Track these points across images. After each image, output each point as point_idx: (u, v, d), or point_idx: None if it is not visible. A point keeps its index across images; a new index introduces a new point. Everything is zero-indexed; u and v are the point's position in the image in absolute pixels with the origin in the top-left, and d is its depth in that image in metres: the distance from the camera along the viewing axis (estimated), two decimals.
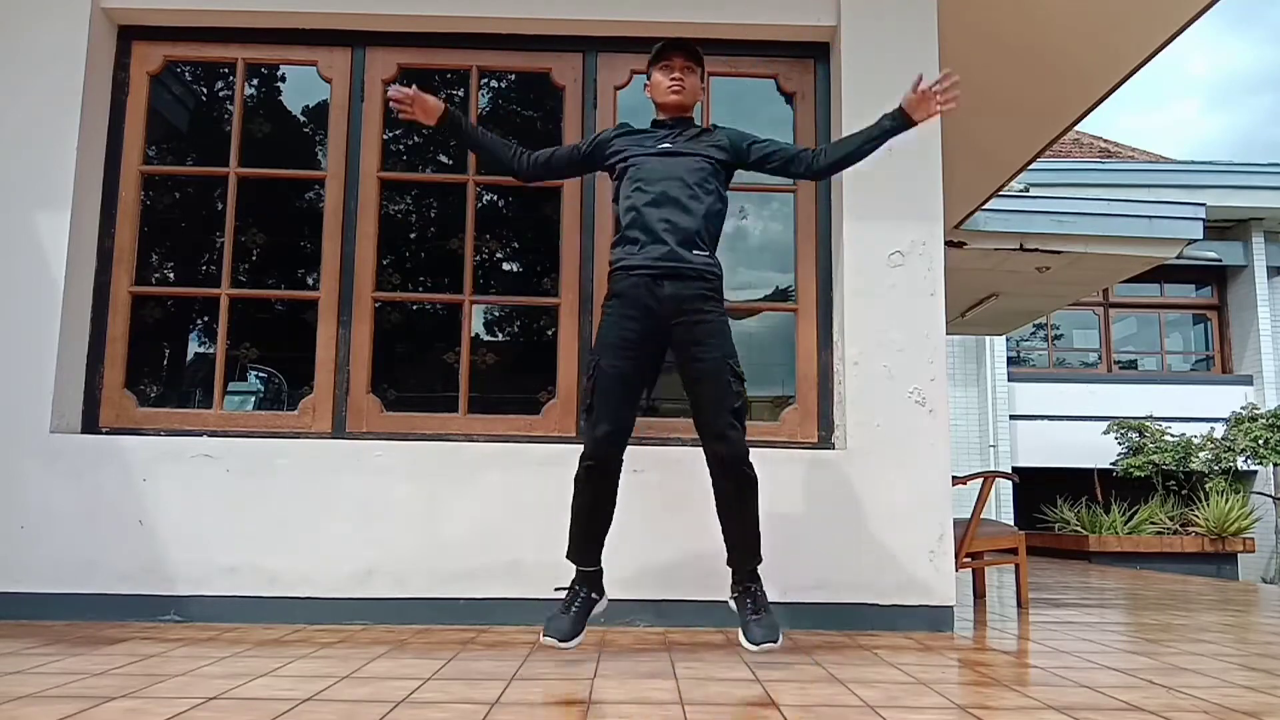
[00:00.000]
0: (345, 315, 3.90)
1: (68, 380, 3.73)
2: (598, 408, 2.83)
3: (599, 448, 2.82)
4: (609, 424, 2.82)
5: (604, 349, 2.88)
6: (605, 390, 2.83)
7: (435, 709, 2.16)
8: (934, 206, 3.79)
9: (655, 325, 2.87)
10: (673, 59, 3.06)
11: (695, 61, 3.08)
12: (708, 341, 2.86)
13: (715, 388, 2.84)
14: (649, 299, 2.86)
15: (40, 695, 2.24)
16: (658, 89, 3.09)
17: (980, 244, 7.42)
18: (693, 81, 3.07)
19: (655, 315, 2.87)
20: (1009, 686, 2.53)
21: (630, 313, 2.87)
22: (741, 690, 2.42)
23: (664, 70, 3.07)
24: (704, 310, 2.88)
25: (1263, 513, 11.17)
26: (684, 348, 2.88)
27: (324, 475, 3.64)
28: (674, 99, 3.06)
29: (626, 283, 2.90)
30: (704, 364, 2.85)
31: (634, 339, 2.86)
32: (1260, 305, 13.29)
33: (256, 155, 4.15)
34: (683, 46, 3.06)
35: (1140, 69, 4.68)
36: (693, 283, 2.88)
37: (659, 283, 2.87)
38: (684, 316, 2.86)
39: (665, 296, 2.86)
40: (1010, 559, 4.65)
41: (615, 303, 2.91)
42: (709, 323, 2.88)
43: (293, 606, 3.55)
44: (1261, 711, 2.23)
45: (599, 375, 2.85)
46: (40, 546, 3.56)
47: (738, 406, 2.85)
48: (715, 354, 2.85)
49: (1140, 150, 15.41)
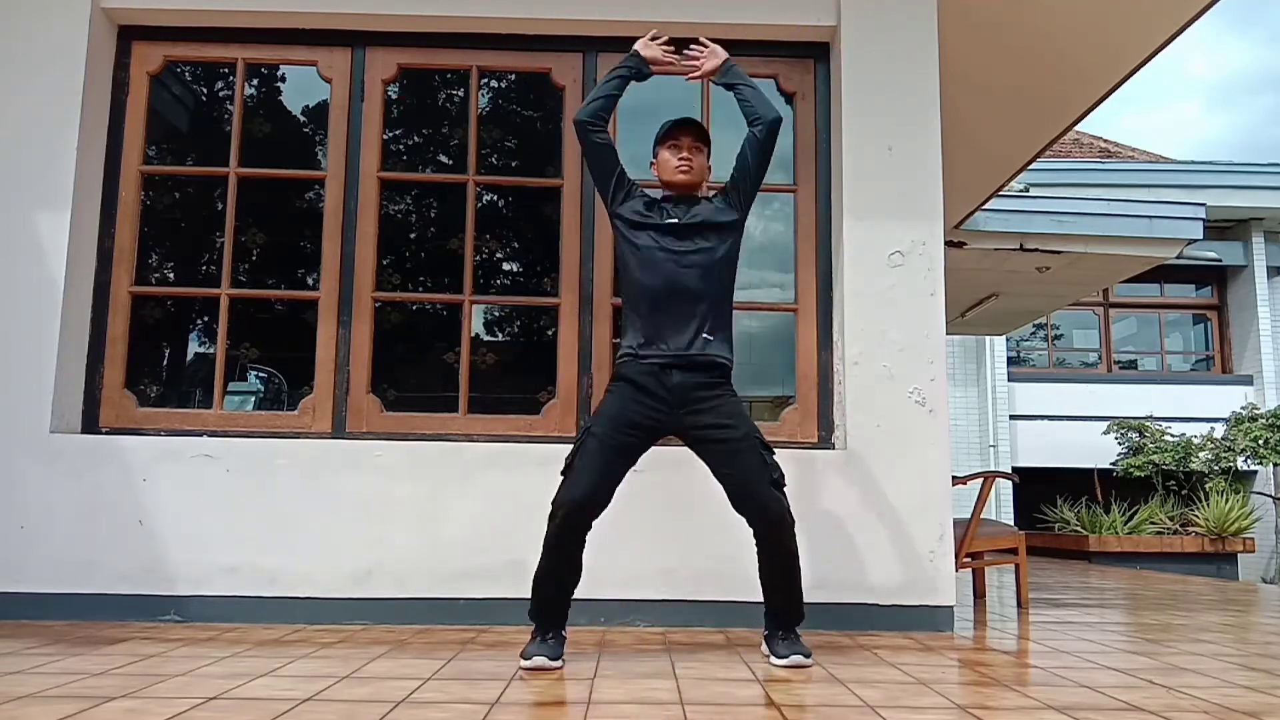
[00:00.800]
0: (345, 315, 3.90)
1: (68, 380, 3.73)
2: (577, 469, 2.75)
3: (569, 511, 2.71)
4: (584, 488, 2.72)
5: (601, 419, 2.83)
6: (590, 455, 2.75)
7: (435, 709, 2.16)
8: (934, 206, 3.79)
9: (663, 412, 2.83)
10: (681, 139, 3.01)
11: (703, 140, 3.04)
12: (729, 422, 2.82)
13: (750, 464, 2.79)
14: (657, 387, 2.83)
15: (40, 695, 2.24)
16: (665, 168, 3.02)
17: (980, 244, 7.42)
18: (700, 161, 3.02)
19: (665, 403, 2.83)
20: (1009, 686, 2.53)
21: (639, 397, 2.83)
22: (741, 690, 2.42)
23: (672, 150, 3.01)
24: (717, 394, 2.85)
25: (1263, 513, 11.17)
26: (703, 430, 2.84)
27: (324, 475, 3.64)
28: (682, 179, 2.99)
29: (634, 369, 2.86)
30: (732, 443, 2.80)
31: (635, 419, 2.81)
32: (1260, 305, 13.28)
33: (256, 155, 4.15)
34: (691, 126, 3.02)
35: (1141, 69, 4.68)
36: (701, 372, 2.86)
37: (668, 372, 2.84)
38: (695, 404, 2.83)
39: (674, 385, 2.83)
40: (1010, 559, 4.65)
41: (622, 385, 2.87)
42: (724, 404, 2.85)
43: (293, 606, 3.55)
44: (1261, 711, 2.23)
45: (587, 439, 2.78)
46: (40, 546, 3.56)
47: (775, 478, 2.80)
48: (740, 431, 2.82)
49: (1140, 150, 15.41)
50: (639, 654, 2.97)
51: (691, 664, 2.80)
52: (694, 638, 3.32)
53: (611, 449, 2.77)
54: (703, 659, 2.89)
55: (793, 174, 4.01)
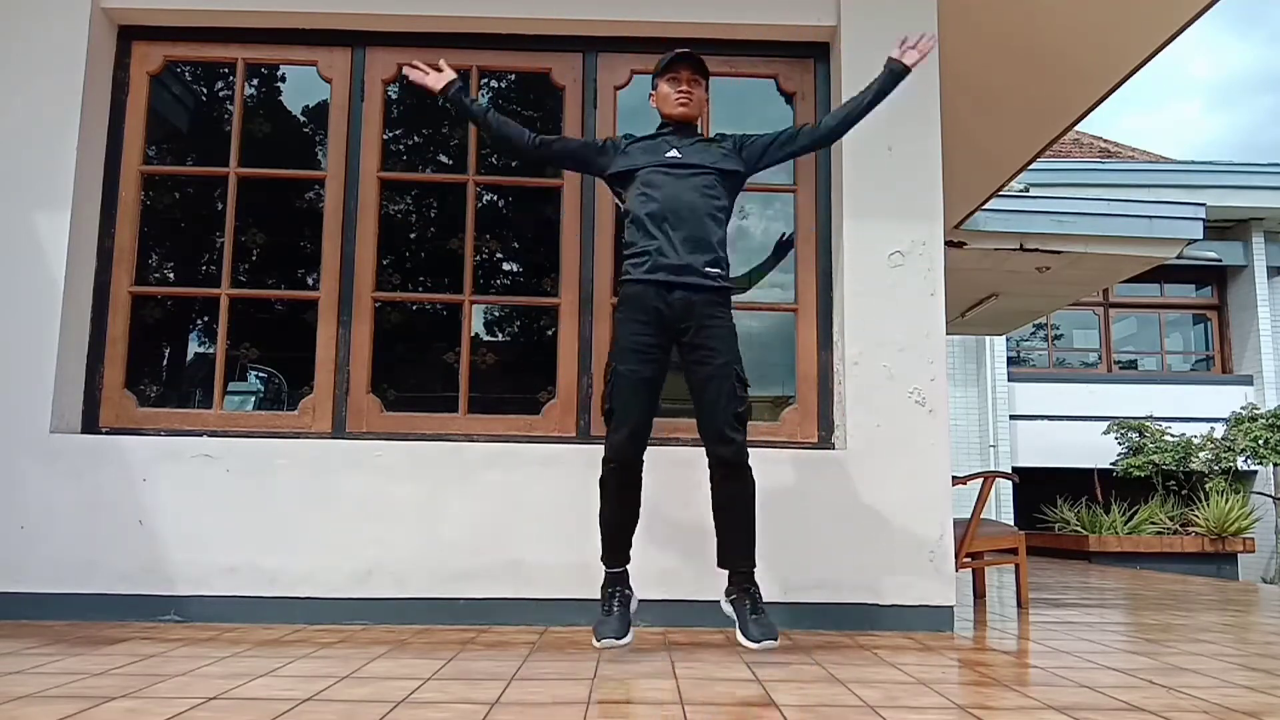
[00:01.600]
0: (345, 315, 3.90)
1: (68, 380, 3.73)
2: (618, 411, 2.91)
3: (621, 450, 2.90)
4: (629, 426, 2.89)
5: (620, 354, 2.95)
6: (624, 394, 2.90)
7: (435, 709, 2.16)
8: (934, 206, 3.79)
9: (665, 329, 2.94)
10: (680, 71, 3.10)
11: (702, 74, 3.13)
12: (714, 346, 2.92)
13: (720, 392, 2.90)
14: (659, 303, 2.93)
15: (40, 695, 2.24)
16: (665, 100, 3.13)
17: (980, 244, 7.42)
18: (699, 94, 3.13)
19: (665, 319, 2.94)
20: (1009, 686, 2.53)
21: (641, 318, 2.94)
22: (741, 690, 2.42)
23: (671, 82, 3.11)
24: (713, 315, 2.95)
25: (1263, 513, 11.17)
26: (691, 351, 2.95)
27: (324, 475, 3.64)
28: (680, 111, 3.10)
29: (636, 289, 2.97)
30: (710, 368, 2.91)
31: (648, 343, 2.93)
32: (1260, 305, 13.29)
33: (256, 155, 4.15)
34: (690, 59, 3.10)
35: (1140, 69, 4.68)
36: (702, 290, 2.94)
37: (669, 289, 2.93)
38: (692, 321, 2.93)
39: (674, 301, 2.93)
40: (1010, 559, 4.65)
41: (626, 309, 2.99)
42: (717, 328, 2.94)
43: (293, 606, 3.55)
44: (1261, 711, 2.23)
45: (616, 379, 2.92)
46: (40, 546, 3.56)
47: (740, 411, 2.91)
48: (721, 359, 2.92)
49: (1140, 150, 15.41)
50: (639, 654, 2.97)
51: (691, 664, 2.80)
52: (694, 638, 3.32)
53: (641, 381, 2.91)
54: (703, 659, 2.89)
55: (793, 174, 4.01)
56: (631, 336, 2.94)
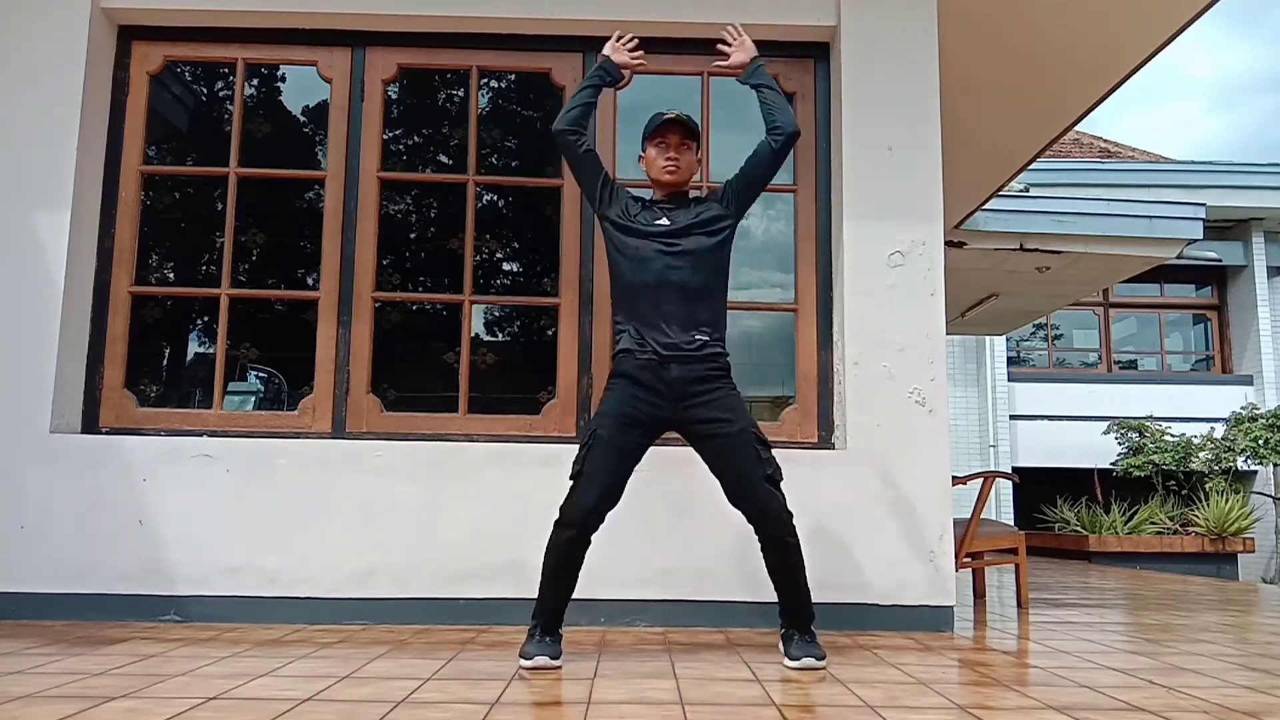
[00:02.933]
0: (345, 315, 3.90)
1: (68, 380, 3.73)
2: (586, 474, 2.76)
3: (582, 516, 2.74)
4: (595, 493, 2.74)
5: (604, 419, 2.82)
6: (598, 458, 2.76)
7: (435, 709, 2.16)
8: (934, 206, 3.79)
9: (663, 407, 2.82)
10: (668, 136, 2.96)
11: (691, 137, 2.99)
12: (725, 416, 2.80)
13: (745, 460, 2.78)
14: (656, 381, 2.81)
15: (40, 695, 2.24)
16: (652, 166, 3.00)
17: (980, 244, 7.42)
18: (688, 159, 2.99)
19: (664, 397, 2.81)
20: (1009, 686, 2.53)
21: (637, 392, 2.82)
22: (741, 690, 2.42)
23: (659, 148, 2.97)
24: (716, 387, 2.83)
25: (1263, 513, 11.17)
26: (701, 425, 2.83)
27: (324, 475, 3.64)
28: (668, 179, 2.97)
29: (631, 365, 2.84)
30: (727, 437, 2.79)
31: (638, 417, 2.81)
32: (1260, 305, 13.28)
33: (256, 155, 4.15)
34: (679, 123, 2.96)
35: (1141, 68, 4.68)
36: (699, 365, 2.83)
37: (665, 366, 2.82)
38: (695, 398, 2.81)
39: (672, 379, 2.81)
40: (1010, 559, 4.65)
41: (621, 381, 2.86)
42: (722, 398, 2.83)
43: (293, 606, 3.55)
44: (1261, 711, 2.23)
45: (594, 442, 2.78)
46: (40, 546, 3.56)
47: (770, 474, 2.78)
48: (737, 425, 2.80)
49: (1140, 150, 15.41)
50: (639, 654, 2.97)
51: (691, 664, 2.80)
52: (694, 638, 3.32)
53: (617, 450, 2.78)
54: (703, 659, 2.89)
55: (793, 174, 4.01)
56: (621, 406, 2.81)
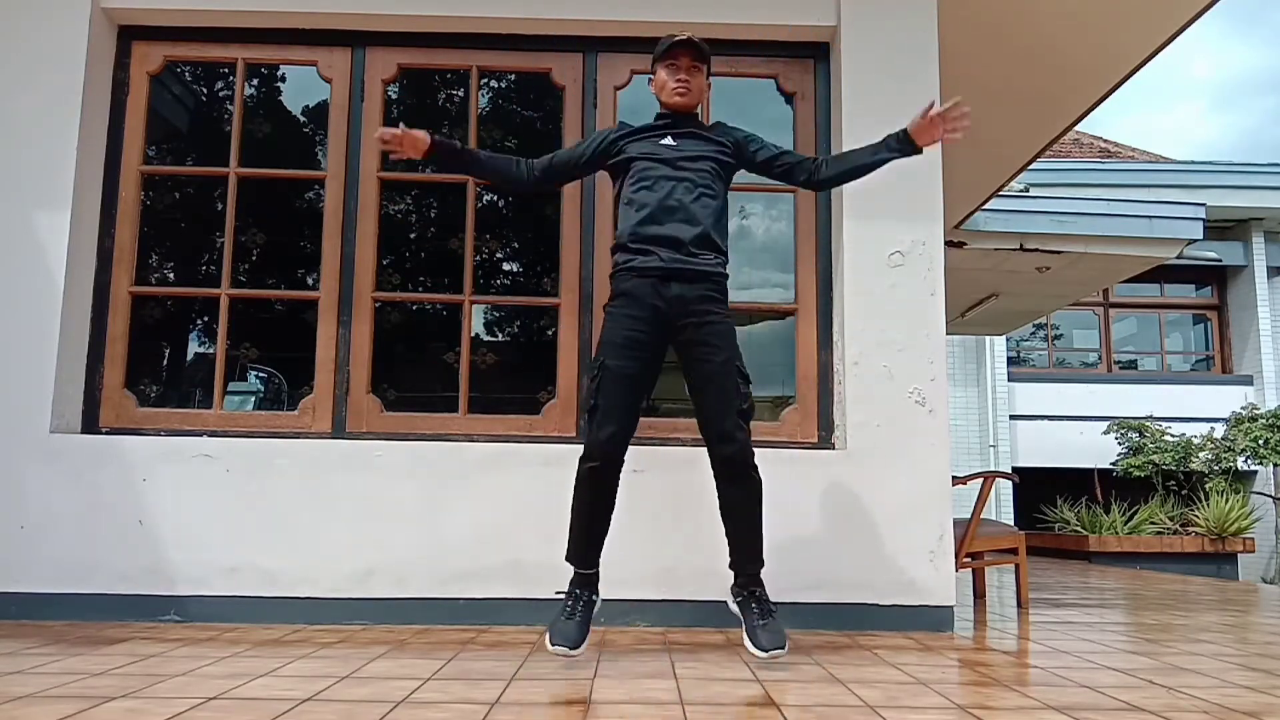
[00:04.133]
0: (345, 315, 3.90)
1: (68, 380, 3.73)
2: (602, 407, 2.78)
3: (602, 449, 2.77)
4: (613, 424, 2.77)
5: (609, 348, 2.83)
6: (610, 390, 2.78)
7: (435, 709, 2.16)
8: (934, 206, 3.79)
9: (661, 325, 2.84)
10: (679, 58, 3.00)
11: (702, 60, 3.03)
12: (714, 343, 2.83)
13: (722, 390, 2.81)
14: (655, 299, 2.83)
15: (40, 695, 2.24)
16: (663, 88, 3.03)
17: (980, 244, 7.42)
18: (698, 81, 3.03)
19: (661, 315, 2.84)
20: (1009, 686, 2.53)
21: (636, 313, 2.84)
22: (741, 690, 2.42)
23: (670, 69, 3.01)
24: (711, 311, 2.85)
25: (1263, 513, 11.18)
26: (690, 348, 2.86)
27: (324, 475, 3.64)
28: (678, 100, 3.01)
29: (631, 283, 2.86)
30: (711, 365, 2.82)
31: (640, 339, 2.83)
32: (1260, 305, 13.29)
33: (256, 155, 4.15)
34: (690, 45, 3.00)
35: (1141, 69, 4.68)
36: (699, 284, 2.85)
37: (665, 283, 2.84)
38: (690, 318, 2.83)
39: (672, 297, 2.83)
40: (1010, 559, 4.65)
41: (620, 302, 2.88)
42: (715, 324, 2.85)
43: (293, 606, 3.55)
44: (1261, 711, 2.23)
45: (604, 374, 2.80)
46: (40, 546, 3.56)
47: (744, 409, 2.82)
48: (722, 356, 2.82)
49: (1140, 150, 15.41)
50: (639, 654, 2.97)
51: (691, 664, 2.80)
52: (694, 638, 3.32)
53: (627, 379, 2.80)
54: (703, 659, 2.89)
55: None
56: (623, 331, 2.83)
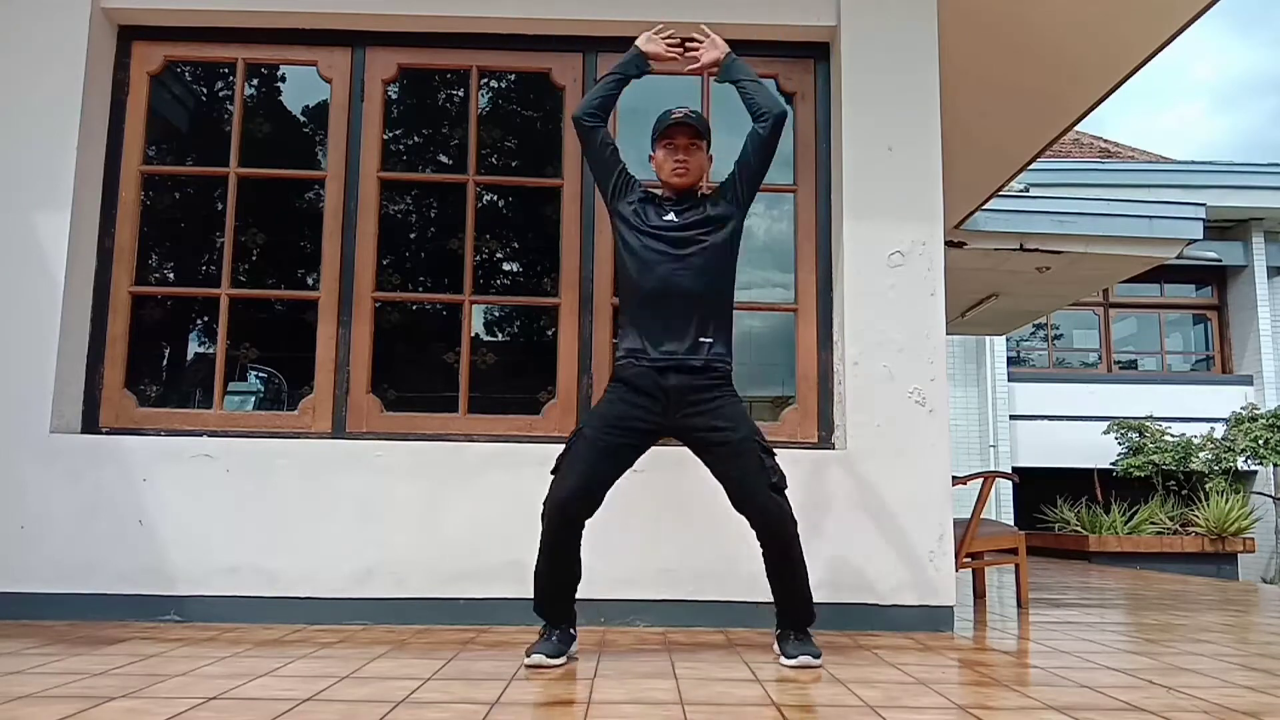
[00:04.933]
0: (345, 315, 3.90)
1: (68, 380, 3.73)
2: (565, 466, 2.75)
3: (556, 509, 2.72)
4: (568, 489, 2.72)
5: (593, 418, 2.83)
6: (578, 454, 2.75)
7: (435, 709, 2.16)
8: (934, 206, 3.79)
9: (658, 414, 2.80)
10: (676, 138, 2.94)
11: (700, 137, 2.98)
12: (727, 424, 2.78)
13: (747, 467, 2.76)
14: (654, 389, 2.80)
15: (40, 695, 2.24)
16: (661, 169, 2.98)
17: (980, 244, 7.42)
18: (698, 159, 2.97)
19: (661, 404, 2.80)
20: (1009, 686, 2.53)
21: (636, 399, 2.81)
22: (741, 690, 2.42)
23: (668, 149, 2.95)
24: (715, 396, 2.81)
25: (1263, 513, 11.17)
26: (702, 433, 2.81)
27: (324, 475, 3.64)
28: (677, 182, 2.95)
29: (632, 371, 2.84)
30: (730, 445, 2.77)
31: (630, 423, 2.79)
32: (1260, 305, 13.28)
33: (256, 155, 4.15)
34: (686, 124, 2.94)
35: (1142, 67, 4.68)
36: (700, 375, 2.82)
37: (665, 374, 2.81)
38: (693, 406, 2.80)
39: (671, 387, 2.80)
40: (1010, 559, 4.65)
41: (619, 387, 2.85)
42: (723, 406, 2.81)
43: (293, 606, 3.55)
44: (1261, 711, 2.23)
45: (577, 439, 2.79)
46: (40, 546, 3.56)
47: (775, 482, 2.76)
48: (740, 433, 2.78)
49: (1140, 150, 15.41)
50: (639, 654, 2.97)
51: (691, 664, 2.80)
52: (694, 638, 3.32)
53: (600, 449, 2.76)
54: (703, 659, 2.89)
55: (793, 174, 4.01)
56: (613, 408, 2.81)
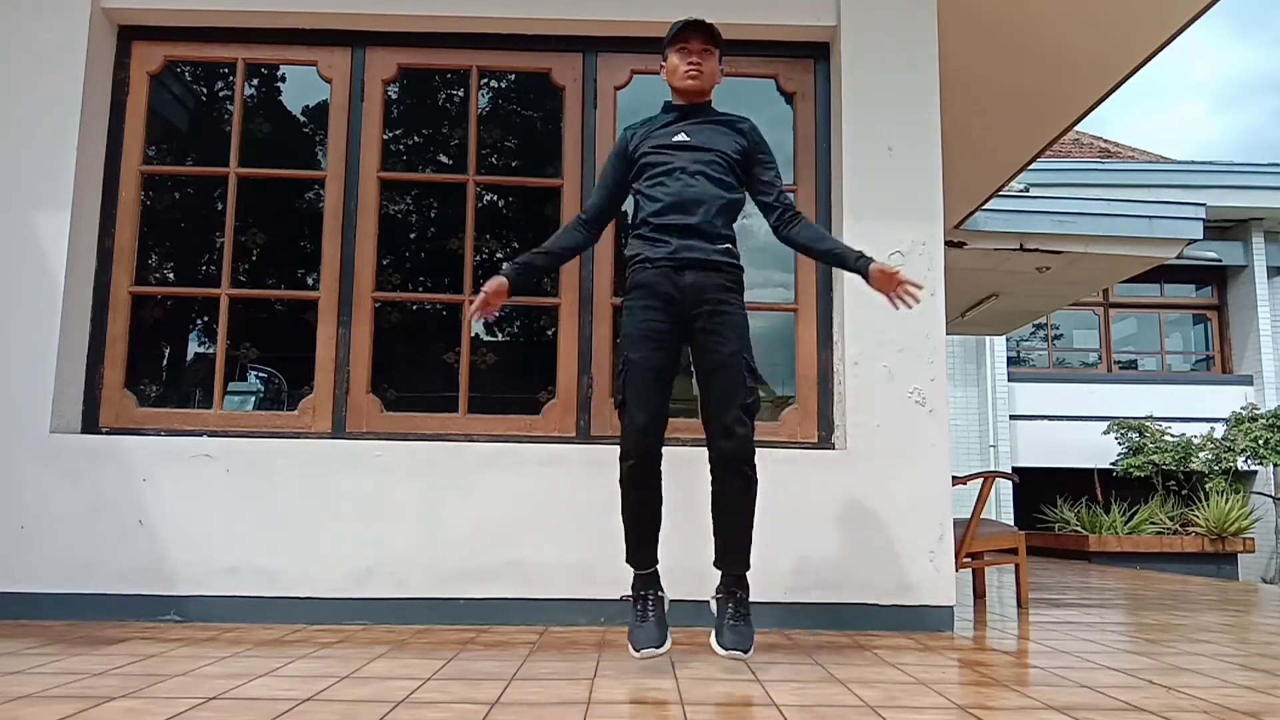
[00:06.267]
0: (345, 315, 3.90)
1: (68, 380, 3.73)
2: (631, 401, 2.76)
3: (639, 441, 2.74)
4: (645, 416, 2.74)
5: (631, 342, 2.81)
6: (637, 383, 2.75)
7: (435, 709, 2.16)
8: (934, 206, 3.79)
9: (677, 315, 2.81)
10: (690, 41, 2.93)
11: (714, 43, 2.96)
12: (724, 334, 2.80)
13: (728, 381, 2.77)
14: (670, 288, 2.80)
15: (40, 695, 2.24)
16: (674, 73, 2.96)
17: (980, 244, 7.42)
18: (711, 65, 2.95)
19: (677, 304, 2.80)
20: (1009, 686, 2.53)
21: (653, 303, 2.81)
22: (741, 690, 2.42)
23: (681, 53, 2.93)
24: (725, 301, 2.82)
25: (1263, 513, 11.17)
26: (701, 338, 2.82)
27: (324, 475, 3.64)
28: (690, 84, 2.93)
29: (647, 274, 2.83)
30: (718, 356, 2.79)
31: (659, 329, 2.80)
32: (1260, 305, 13.28)
33: (256, 155, 4.15)
34: (702, 27, 2.93)
35: (1142, 67, 4.68)
36: (714, 273, 2.83)
37: (680, 272, 2.80)
38: (704, 306, 2.80)
39: (686, 285, 2.79)
40: (1010, 559, 4.65)
41: (637, 294, 2.85)
42: (728, 315, 2.82)
43: (293, 606, 3.55)
44: (1261, 711, 2.23)
45: (629, 368, 2.78)
46: (40, 546, 3.56)
47: (749, 403, 2.77)
48: (731, 347, 2.79)
49: (1140, 150, 15.41)
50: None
51: (691, 664, 2.80)
52: (694, 638, 3.32)
53: (651, 371, 2.77)
54: (703, 659, 2.89)
55: (793, 174, 4.01)
56: (642, 323, 2.80)
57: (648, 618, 2.79)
